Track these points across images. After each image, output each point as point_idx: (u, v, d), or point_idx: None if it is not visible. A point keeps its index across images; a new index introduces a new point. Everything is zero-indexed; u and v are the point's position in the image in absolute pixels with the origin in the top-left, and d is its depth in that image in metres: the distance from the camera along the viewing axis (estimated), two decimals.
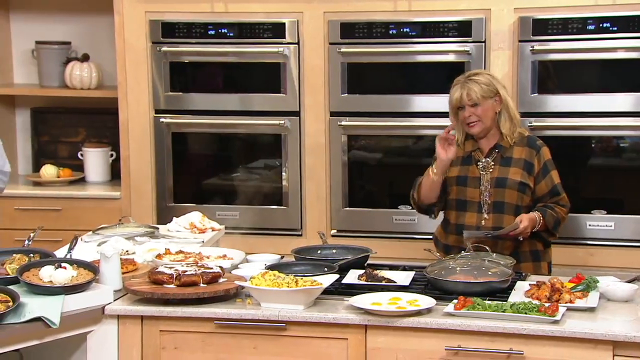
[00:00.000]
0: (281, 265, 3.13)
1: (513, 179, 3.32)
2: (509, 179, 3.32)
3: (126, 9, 4.33)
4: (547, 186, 3.33)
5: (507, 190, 3.32)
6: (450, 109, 3.39)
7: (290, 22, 4.21)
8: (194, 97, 4.35)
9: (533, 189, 3.34)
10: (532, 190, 3.34)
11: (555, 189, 3.33)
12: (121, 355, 2.88)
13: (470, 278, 2.94)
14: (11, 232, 4.35)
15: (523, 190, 3.33)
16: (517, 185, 3.32)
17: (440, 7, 4.08)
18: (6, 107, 4.88)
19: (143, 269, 3.09)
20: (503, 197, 3.32)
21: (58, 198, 4.51)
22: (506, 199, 3.32)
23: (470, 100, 3.30)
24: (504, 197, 3.32)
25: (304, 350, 2.80)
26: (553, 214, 3.30)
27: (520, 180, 3.32)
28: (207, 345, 2.85)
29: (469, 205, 3.36)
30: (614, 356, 2.62)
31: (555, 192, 3.34)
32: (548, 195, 3.34)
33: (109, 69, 4.68)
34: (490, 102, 3.32)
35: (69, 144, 4.90)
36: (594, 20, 3.94)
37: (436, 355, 2.72)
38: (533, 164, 3.33)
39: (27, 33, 4.85)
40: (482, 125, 3.33)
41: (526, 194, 3.33)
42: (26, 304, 2.68)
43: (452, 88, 3.36)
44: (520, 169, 3.33)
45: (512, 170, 3.33)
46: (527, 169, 3.33)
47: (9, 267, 2.92)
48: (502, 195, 3.32)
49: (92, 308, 2.82)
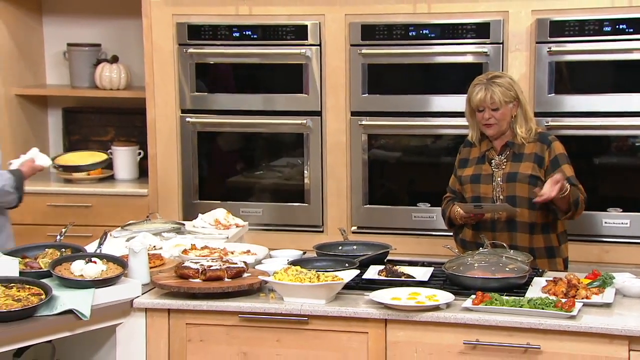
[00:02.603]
0: (303, 261, 3.13)
1: (523, 172, 3.30)
2: (520, 173, 3.30)
3: (154, 12, 4.34)
4: None
5: (518, 184, 3.30)
6: (468, 108, 3.37)
7: (312, 25, 4.21)
8: (219, 97, 4.36)
9: (544, 181, 3.28)
10: (544, 183, 3.28)
11: (568, 181, 3.27)
12: (149, 346, 2.89)
13: (488, 274, 2.92)
14: (44, 228, 4.38)
15: (534, 183, 3.29)
16: (528, 179, 3.29)
17: (459, 10, 4.06)
18: (39, 107, 4.91)
19: (170, 263, 3.10)
20: (514, 191, 3.30)
21: (88, 195, 4.54)
22: (517, 192, 3.29)
23: (493, 104, 3.28)
24: (516, 191, 3.30)
25: (325, 344, 2.80)
26: (577, 190, 3.24)
27: (530, 173, 3.29)
28: (231, 337, 2.85)
29: (482, 201, 3.34)
30: (630, 351, 2.60)
31: (569, 183, 3.27)
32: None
33: (137, 70, 4.70)
34: (509, 107, 3.31)
35: (98, 143, 4.92)
36: (610, 22, 3.90)
37: (454, 349, 2.71)
38: (544, 157, 3.30)
39: (59, 36, 4.88)
40: (498, 128, 3.32)
41: (538, 186, 3.28)
42: (58, 297, 2.70)
43: (474, 88, 3.34)
44: (531, 162, 3.31)
45: (523, 165, 3.31)
46: (537, 162, 3.30)
47: (42, 262, 2.94)
48: (513, 189, 3.30)
49: (121, 301, 2.83)
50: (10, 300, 2.62)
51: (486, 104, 3.29)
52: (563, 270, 3.35)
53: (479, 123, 3.34)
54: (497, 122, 3.31)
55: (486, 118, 3.31)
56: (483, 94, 3.29)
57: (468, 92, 3.37)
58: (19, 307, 2.60)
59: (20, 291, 2.68)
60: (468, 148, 3.47)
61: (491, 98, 3.28)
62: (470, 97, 3.34)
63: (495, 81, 3.31)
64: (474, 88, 3.34)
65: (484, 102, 3.29)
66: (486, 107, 3.29)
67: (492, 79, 3.32)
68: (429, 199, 4.18)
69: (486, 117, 3.30)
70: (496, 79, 3.32)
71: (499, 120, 3.30)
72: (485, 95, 3.28)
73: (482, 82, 3.33)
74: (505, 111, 3.30)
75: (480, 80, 3.35)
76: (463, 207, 3.30)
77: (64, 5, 4.84)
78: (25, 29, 4.77)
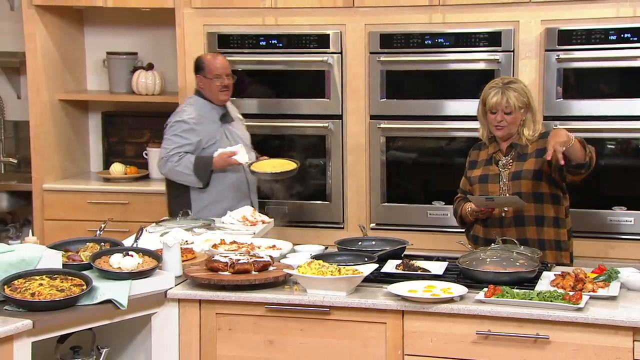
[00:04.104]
0: (325, 255, 3.12)
1: (527, 169, 3.26)
2: (524, 170, 3.27)
3: (187, 23, 4.36)
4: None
5: (523, 180, 3.26)
6: (482, 108, 3.32)
7: (334, 34, 4.20)
8: (246, 102, 4.36)
9: (548, 172, 3.22)
10: (548, 174, 3.22)
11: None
12: (182, 334, 2.90)
13: (499, 268, 2.90)
14: (84, 223, 4.40)
15: (538, 177, 3.25)
16: (532, 174, 3.25)
17: (472, 19, 4.03)
18: (80, 111, 4.94)
19: (201, 257, 3.11)
20: (520, 188, 3.25)
21: (125, 193, 4.56)
22: (522, 189, 3.25)
23: (507, 107, 3.24)
24: (521, 188, 3.25)
25: (346, 333, 2.79)
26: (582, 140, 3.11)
27: (534, 169, 3.25)
28: (258, 327, 2.85)
29: None
30: (634, 341, 2.57)
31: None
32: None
33: (170, 77, 4.71)
34: (520, 112, 3.27)
35: (135, 144, 4.94)
36: (615, 31, 3.86)
37: (468, 339, 2.69)
38: (545, 148, 3.18)
39: (99, 45, 4.91)
40: (508, 130, 3.29)
41: (542, 180, 3.25)
42: (98, 288, 2.71)
43: (489, 90, 3.28)
44: (534, 158, 3.26)
45: (528, 163, 3.27)
46: (539, 155, 3.24)
47: (83, 255, 2.95)
48: (518, 186, 3.26)
49: (155, 292, 2.84)
50: (54, 290, 2.63)
51: (501, 107, 3.25)
52: (569, 263, 3.32)
53: (490, 124, 3.31)
54: (508, 125, 3.28)
55: (498, 120, 3.28)
56: (499, 98, 3.25)
57: (483, 93, 3.33)
58: (62, 297, 2.61)
59: (63, 282, 2.69)
60: (477, 151, 3.44)
61: (506, 102, 3.24)
62: (485, 98, 3.30)
63: (510, 86, 3.27)
64: (489, 90, 3.29)
65: (498, 106, 3.26)
66: (500, 110, 3.26)
67: (508, 84, 3.28)
68: (444, 198, 4.16)
69: (498, 120, 3.28)
70: (511, 84, 3.28)
71: (509, 124, 3.28)
72: (501, 99, 3.24)
73: (498, 86, 3.28)
74: (517, 115, 3.27)
75: (496, 83, 3.31)
76: (475, 200, 3.27)
77: (104, 17, 4.87)
78: (68, 39, 4.81)
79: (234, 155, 3.75)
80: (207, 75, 3.84)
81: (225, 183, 3.84)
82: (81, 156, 4.94)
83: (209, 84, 3.84)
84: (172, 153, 3.78)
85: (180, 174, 3.79)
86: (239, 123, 4.00)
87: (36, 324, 2.54)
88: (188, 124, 3.80)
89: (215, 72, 3.83)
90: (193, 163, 3.75)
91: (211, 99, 3.87)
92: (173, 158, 3.78)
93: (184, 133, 3.80)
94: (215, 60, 3.86)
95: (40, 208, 4.60)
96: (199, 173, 3.76)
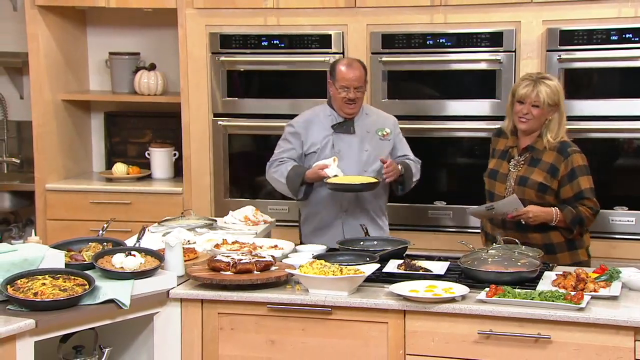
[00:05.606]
0: (327, 255, 3.12)
1: (534, 179, 3.24)
2: (530, 179, 3.24)
3: (189, 23, 4.36)
4: (573, 190, 3.22)
5: (527, 189, 3.24)
6: (510, 98, 3.30)
7: (335, 34, 4.20)
8: (248, 102, 4.37)
9: (557, 191, 3.23)
10: (556, 193, 3.23)
11: (581, 193, 3.21)
12: (184, 334, 2.90)
13: (501, 268, 2.90)
14: (87, 223, 4.41)
15: (543, 190, 3.23)
16: (537, 186, 3.23)
17: (474, 20, 4.03)
18: (83, 111, 4.94)
19: (203, 257, 3.11)
20: (523, 195, 3.24)
21: (128, 193, 4.55)
22: (526, 196, 3.23)
23: (537, 101, 3.21)
24: (524, 195, 3.24)
25: (347, 333, 2.79)
26: (572, 210, 3.19)
27: (540, 181, 3.22)
28: (260, 326, 2.85)
29: (495, 198, 3.31)
30: (636, 341, 2.57)
31: (581, 196, 3.21)
32: (573, 198, 3.22)
33: (173, 77, 4.72)
34: (548, 109, 3.23)
35: (137, 145, 4.94)
36: (617, 31, 3.86)
37: (469, 338, 2.69)
38: (558, 169, 3.21)
39: (102, 45, 4.91)
40: (531, 124, 3.24)
41: (547, 194, 3.23)
42: (100, 287, 2.71)
43: (522, 81, 3.26)
44: (544, 171, 3.23)
45: (537, 171, 3.25)
46: (551, 172, 3.23)
47: (85, 254, 2.96)
48: (522, 192, 3.24)
49: (158, 292, 2.84)
50: (57, 290, 2.64)
51: (530, 99, 3.20)
52: (587, 259, 3.27)
53: (515, 115, 3.26)
54: (533, 119, 3.22)
55: (524, 112, 3.22)
56: (530, 89, 3.21)
57: (515, 84, 3.31)
58: (64, 297, 2.62)
59: (66, 282, 2.70)
60: (497, 138, 3.40)
61: (536, 95, 3.19)
62: (516, 89, 3.26)
63: (544, 81, 3.23)
64: (522, 82, 3.25)
65: (528, 97, 3.21)
66: (528, 102, 3.21)
67: (542, 78, 3.24)
68: (445, 197, 4.16)
69: (524, 112, 3.22)
70: (545, 80, 3.24)
71: (535, 118, 3.22)
72: (532, 91, 3.20)
73: (531, 78, 3.24)
74: (543, 112, 3.21)
75: (530, 75, 3.27)
76: (476, 212, 3.26)
77: (106, 17, 4.87)
78: (71, 39, 4.81)
79: (325, 168, 3.42)
80: (335, 83, 3.52)
81: (319, 196, 3.55)
82: (84, 156, 4.95)
83: (335, 93, 3.53)
84: (275, 158, 3.57)
85: (275, 181, 3.55)
86: (367, 137, 3.56)
87: (39, 324, 2.55)
88: (293, 127, 3.59)
89: (341, 83, 3.49)
90: (287, 171, 3.49)
91: (335, 109, 3.57)
92: (274, 164, 3.56)
93: (289, 136, 3.58)
94: (347, 71, 3.49)
95: (42, 208, 4.61)
96: (290, 183, 3.48)
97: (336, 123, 3.57)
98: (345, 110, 3.54)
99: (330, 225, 3.55)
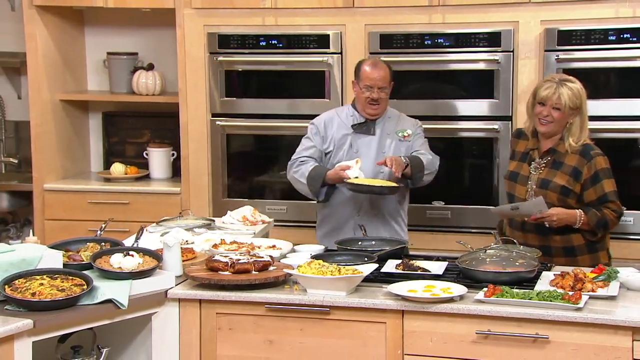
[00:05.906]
0: (325, 255, 3.12)
1: (557, 182, 3.20)
2: (552, 182, 3.20)
3: (187, 23, 4.36)
4: (596, 193, 3.19)
5: (550, 192, 3.20)
6: (531, 100, 3.27)
7: (334, 34, 4.20)
8: (246, 102, 4.37)
9: (580, 194, 3.19)
10: (579, 196, 3.19)
11: (605, 197, 3.18)
12: (182, 334, 2.90)
13: (499, 268, 2.90)
14: (85, 223, 4.40)
15: (566, 194, 3.19)
16: (559, 189, 3.19)
17: (472, 20, 4.03)
18: (81, 111, 4.94)
19: (201, 257, 3.11)
20: (545, 198, 3.18)
21: (126, 193, 4.55)
22: (547, 199, 3.18)
23: (558, 103, 3.17)
24: (546, 198, 3.18)
25: (345, 333, 2.79)
26: (597, 213, 3.15)
27: (563, 184, 3.18)
28: (258, 326, 2.85)
29: (515, 201, 3.29)
30: (633, 341, 2.57)
31: (605, 199, 3.18)
32: (597, 202, 3.19)
33: (171, 77, 4.71)
34: (569, 113, 3.19)
35: (135, 145, 4.94)
36: (615, 31, 3.86)
37: (467, 338, 2.69)
38: (581, 172, 3.18)
39: (100, 45, 4.91)
40: (551, 128, 3.21)
41: (570, 198, 3.19)
42: (98, 288, 2.71)
43: (544, 83, 3.23)
44: (567, 175, 3.19)
45: (559, 175, 3.21)
46: (574, 176, 3.19)
47: (83, 254, 2.96)
48: (544, 195, 3.19)
49: (156, 292, 2.84)
50: (55, 290, 2.64)
51: (551, 101, 3.17)
52: (607, 262, 3.24)
53: (536, 117, 3.22)
54: (553, 122, 3.19)
55: (544, 115, 3.19)
56: (552, 91, 3.17)
57: (536, 85, 3.29)
58: (62, 297, 2.62)
59: (64, 282, 2.69)
60: (517, 140, 3.37)
61: (558, 98, 3.16)
62: (537, 90, 3.24)
63: (566, 84, 3.19)
64: (544, 83, 3.23)
65: (549, 99, 3.17)
66: (549, 104, 3.18)
67: (564, 81, 3.20)
68: (443, 197, 4.16)
69: (544, 114, 3.19)
70: (568, 82, 3.20)
71: (555, 120, 3.18)
72: (554, 93, 3.16)
73: (553, 80, 3.21)
74: (564, 115, 3.18)
75: (552, 77, 3.25)
76: (500, 211, 3.22)
77: (104, 17, 4.86)
78: (69, 39, 4.80)
79: (347, 170, 3.36)
80: (359, 83, 3.49)
81: (337, 198, 3.52)
82: (82, 156, 4.94)
83: (359, 93, 3.50)
84: (296, 157, 3.53)
85: (296, 181, 3.51)
86: (386, 139, 3.54)
87: (37, 324, 2.54)
88: (315, 125, 3.56)
89: (365, 82, 3.46)
90: (309, 172, 3.45)
91: (358, 109, 3.54)
92: (295, 163, 3.52)
93: (311, 134, 3.55)
94: (371, 71, 3.45)
95: (40, 208, 4.60)
96: (310, 183, 3.44)
97: (356, 123, 3.54)
98: (368, 110, 3.51)
99: (344, 227, 3.52)
